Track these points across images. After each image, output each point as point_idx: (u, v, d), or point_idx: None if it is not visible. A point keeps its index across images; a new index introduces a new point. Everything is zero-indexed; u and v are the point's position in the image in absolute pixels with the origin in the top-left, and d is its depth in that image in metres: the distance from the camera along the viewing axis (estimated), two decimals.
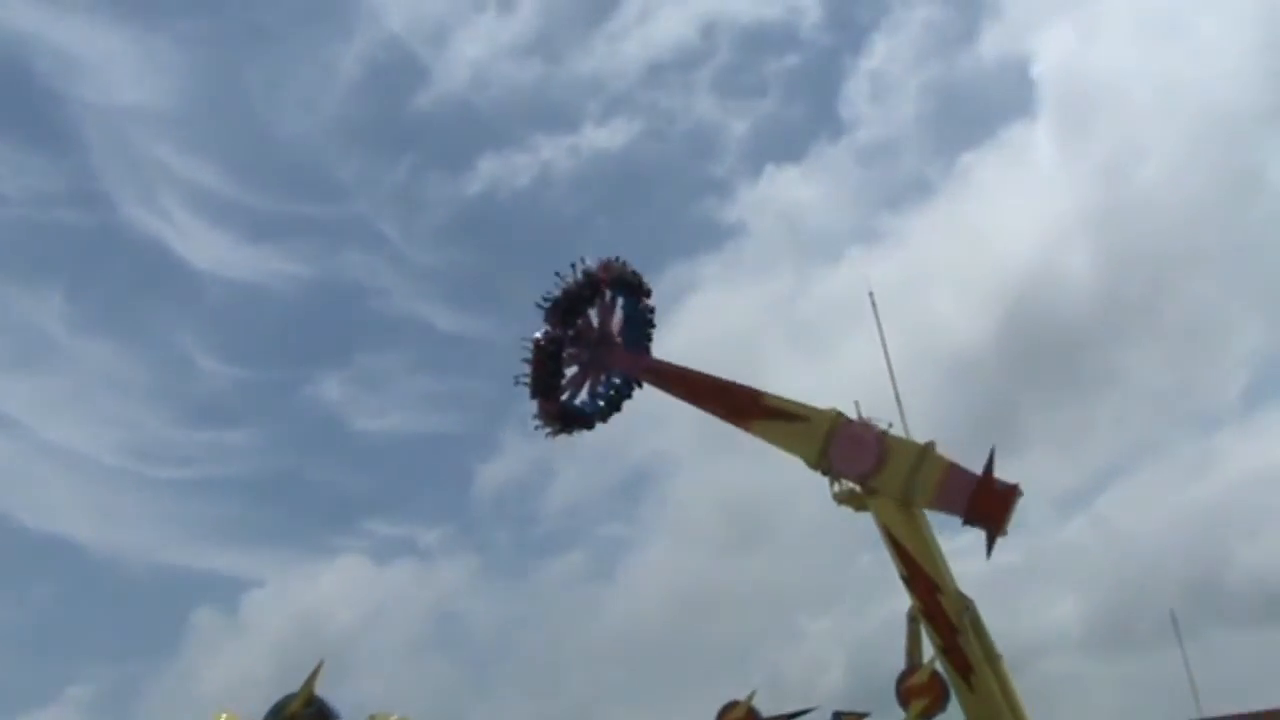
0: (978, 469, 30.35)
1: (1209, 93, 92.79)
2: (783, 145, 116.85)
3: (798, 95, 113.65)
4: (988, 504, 30.65)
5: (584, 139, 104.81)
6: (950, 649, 32.81)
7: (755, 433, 34.44)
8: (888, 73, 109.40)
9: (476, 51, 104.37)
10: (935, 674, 32.77)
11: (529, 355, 35.27)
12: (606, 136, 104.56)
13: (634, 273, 36.71)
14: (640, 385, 36.75)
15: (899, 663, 34.50)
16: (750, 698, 33.97)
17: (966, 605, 34.17)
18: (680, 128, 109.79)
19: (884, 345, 36.30)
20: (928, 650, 33.63)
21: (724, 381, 34.86)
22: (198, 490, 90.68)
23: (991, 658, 34.35)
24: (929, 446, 31.82)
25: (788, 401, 34.04)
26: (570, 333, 35.49)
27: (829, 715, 37.00)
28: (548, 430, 36.61)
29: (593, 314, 36.04)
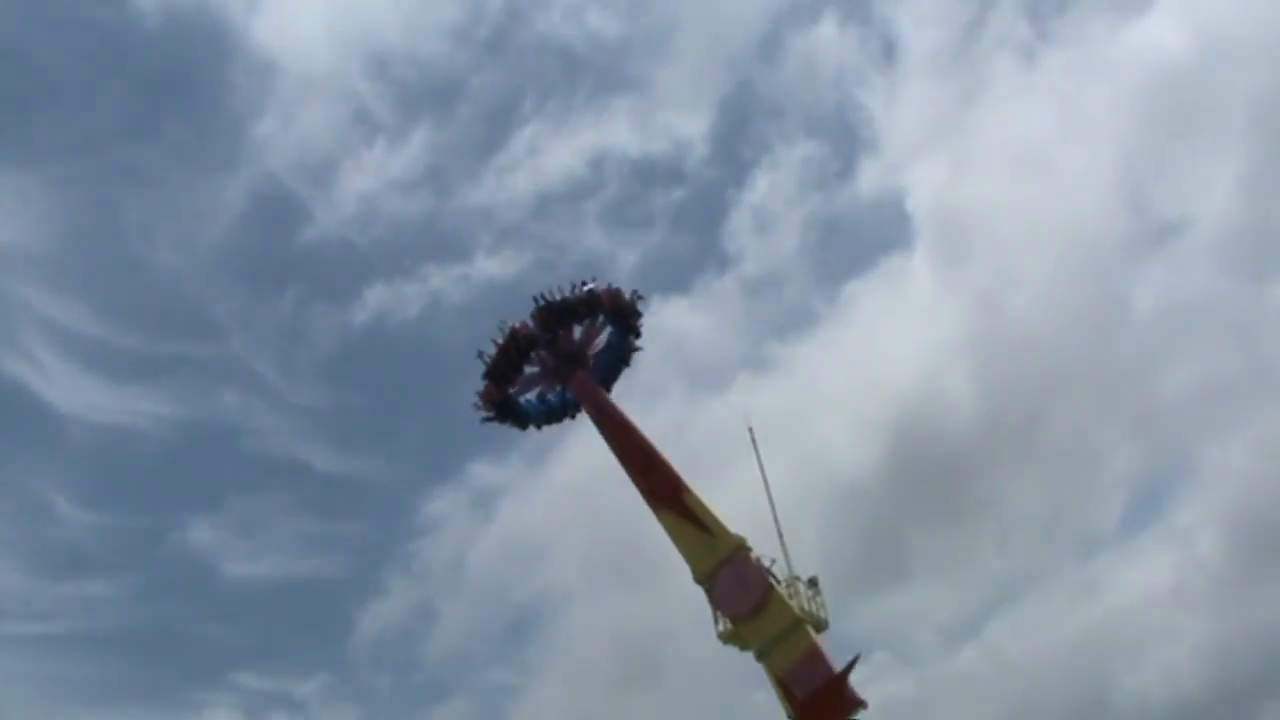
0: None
1: (1076, 225, 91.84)
2: (670, 277, 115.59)
3: (684, 228, 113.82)
4: (826, 707, 30.00)
5: (475, 268, 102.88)
6: None
7: (662, 522, 33.61)
8: (770, 207, 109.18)
9: (365, 184, 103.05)
10: None
11: (502, 338, 34.97)
12: (498, 266, 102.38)
13: (635, 310, 36.24)
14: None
15: None
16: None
17: None
18: (570, 258, 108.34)
19: (764, 479, 35.44)
20: None
21: (657, 457, 33.88)
22: (56, 647, 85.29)
23: None
24: (802, 621, 31.53)
25: (705, 509, 33.08)
26: (548, 337, 35.13)
27: None
28: (484, 414, 36.41)
29: (578, 329, 35.66)
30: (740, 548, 32.67)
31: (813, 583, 34.95)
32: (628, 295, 36.05)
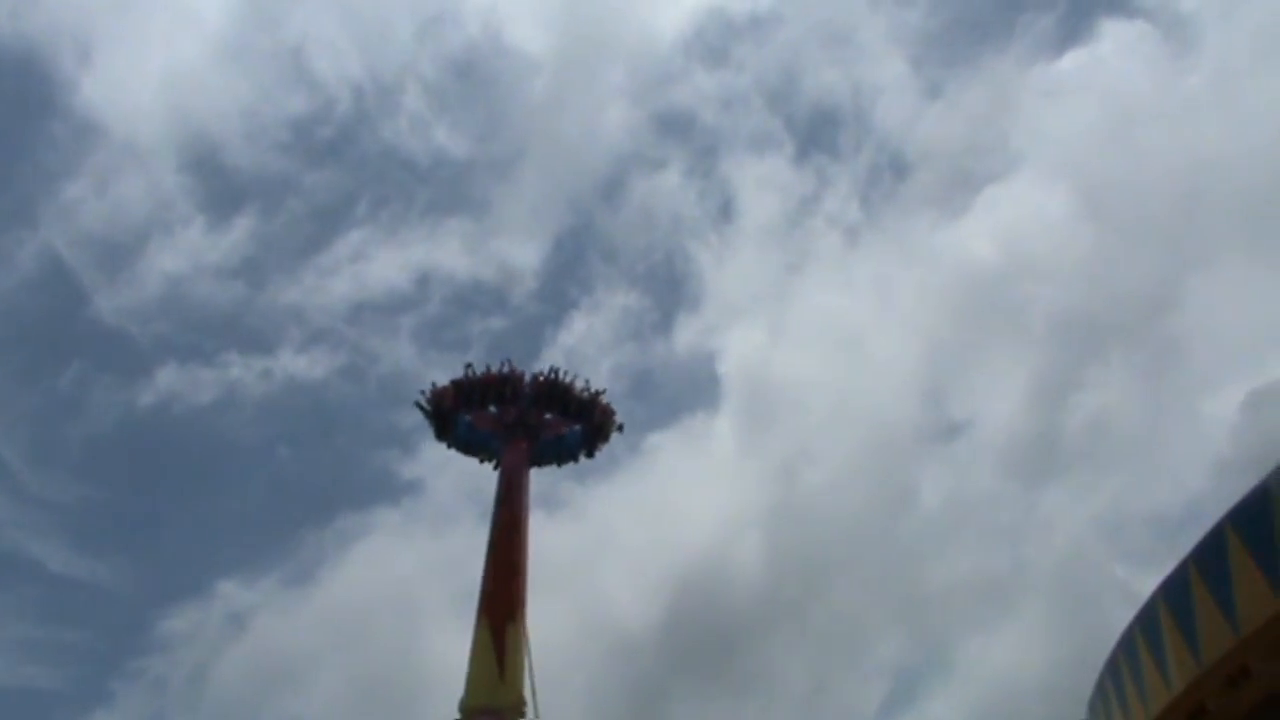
0: None
1: (877, 410, 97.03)
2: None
3: (497, 359, 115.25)
4: None
5: (279, 364, 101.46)
6: None
7: (478, 633, 32.14)
8: (583, 351, 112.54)
9: (175, 265, 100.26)
10: None
11: (487, 368, 34.30)
12: (304, 365, 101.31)
13: (616, 430, 35.56)
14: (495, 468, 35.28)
15: None
16: None
17: None
18: (379, 370, 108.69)
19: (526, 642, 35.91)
20: None
21: (522, 571, 32.80)
22: None
23: None
24: None
25: (517, 651, 30.02)
26: (535, 396, 34.40)
27: None
28: (423, 402, 35.29)
29: (555, 416, 34.93)
30: (516, 707, 31.03)
31: None
32: (617, 422, 36.10)
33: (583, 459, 36.15)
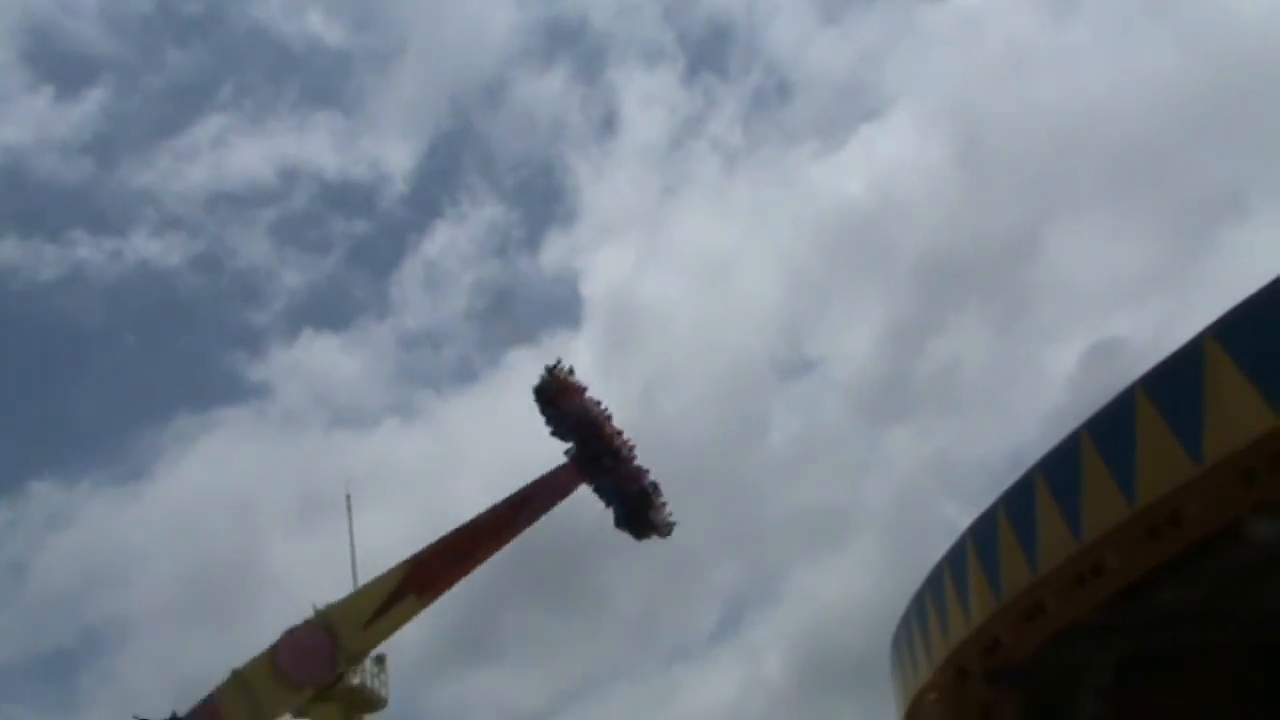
0: None
1: (738, 341, 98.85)
2: (330, 310, 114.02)
3: (358, 264, 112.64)
4: None
5: (130, 247, 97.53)
6: None
7: (389, 578, 31.98)
8: (444, 265, 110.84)
9: (18, 136, 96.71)
10: None
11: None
12: (158, 250, 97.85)
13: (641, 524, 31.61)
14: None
15: None
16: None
17: None
18: (235, 264, 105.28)
19: (351, 546, 36.07)
20: None
21: (462, 566, 31.40)
22: None
23: None
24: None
25: (398, 617, 30.38)
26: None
27: None
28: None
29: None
30: (354, 657, 30.52)
31: (379, 660, 33.50)
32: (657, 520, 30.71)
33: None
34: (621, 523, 31.64)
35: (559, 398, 30.85)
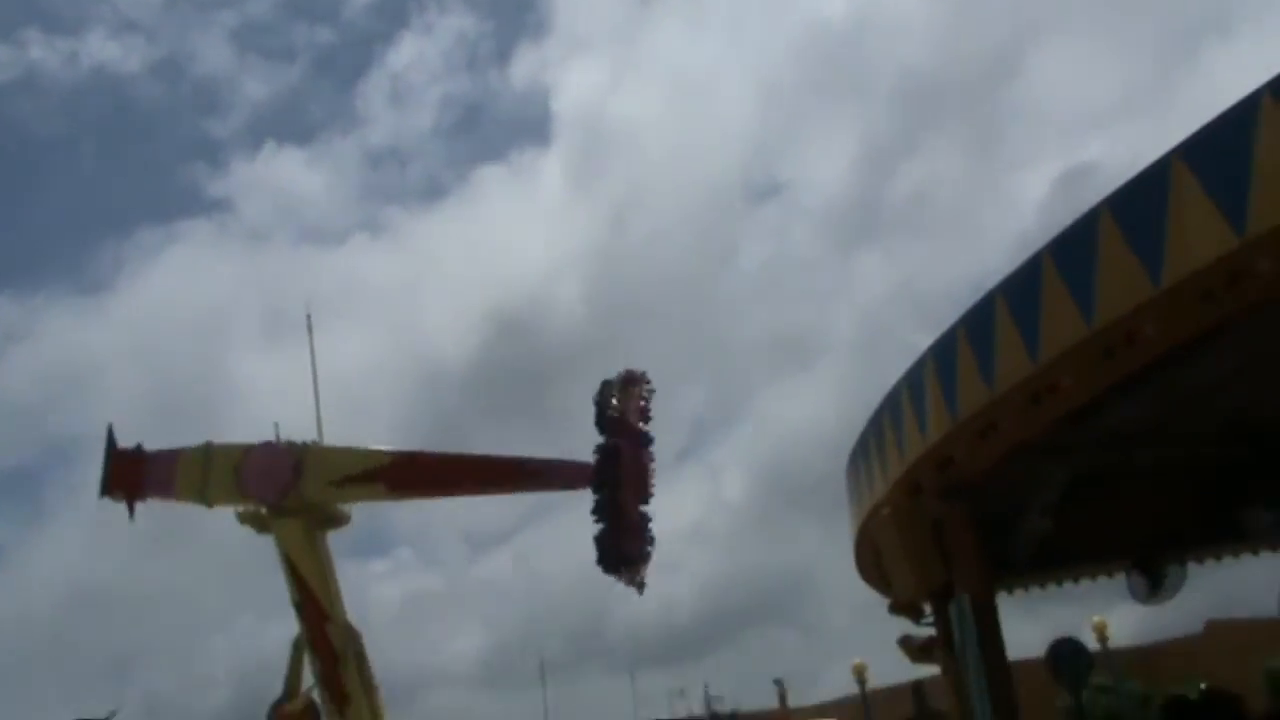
0: None
1: (710, 162, 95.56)
2: (294, 123, 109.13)
3: (323, 76, 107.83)
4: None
5: (87, 49, 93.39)
6: (329, 678, 34.67)
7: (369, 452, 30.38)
8: (410, 79, 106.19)
9: None
10: (311, 702, 34.33)
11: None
12: (116, 54, 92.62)
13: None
14: None
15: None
16: (109, 717, 34.27)
17: (353, 637, 36.44)
18: (195, 71, 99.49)
19: (313, 366, 36.10)
20: (308, 679, 35.71)
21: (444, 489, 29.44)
22: None
23: (369, 689, 36.88)
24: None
25: (362, 489, 29.82)
26: None
27: None
28: None
29: None
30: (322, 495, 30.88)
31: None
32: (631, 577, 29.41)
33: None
34: (601, 557, 30.39)
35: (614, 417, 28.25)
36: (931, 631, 12.72)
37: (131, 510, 30.02)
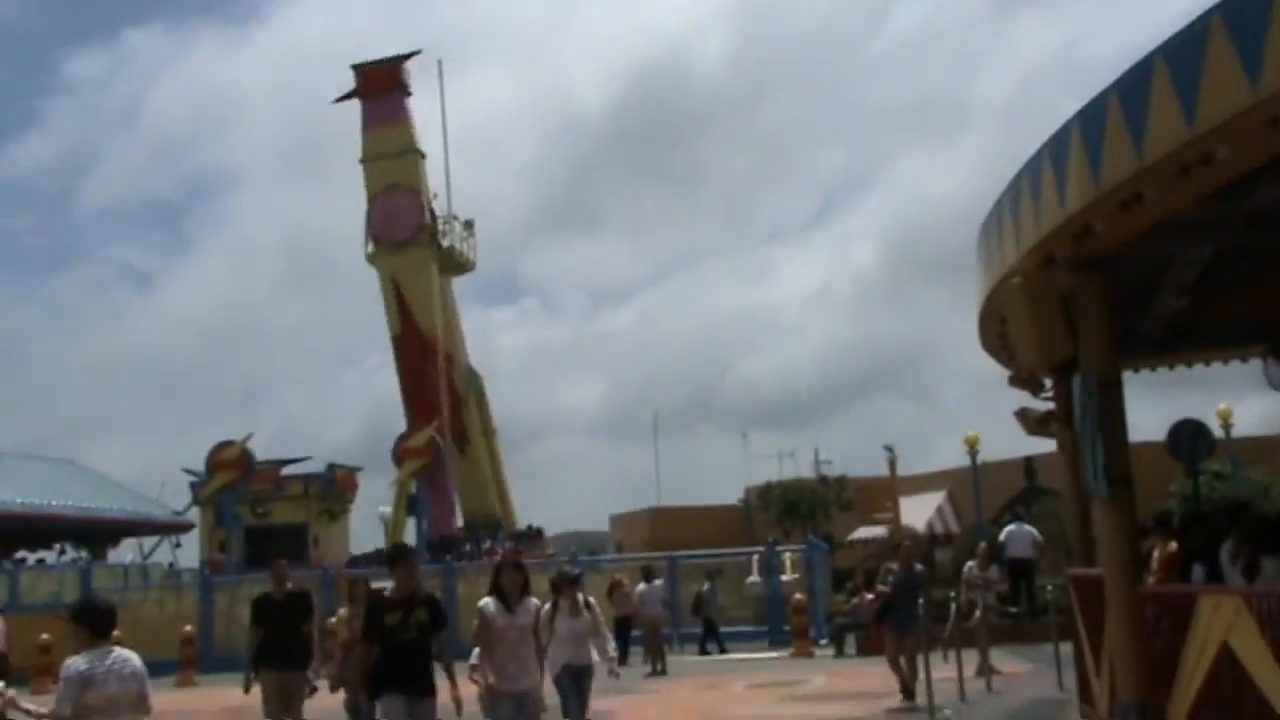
0: None
1: None
2: None
3: None
4: None
5: None
6: (451, 418, 35.77)
7: (437, 329, 35.85)
8: None
9: None
10: (432, 438, 35.34)
11: None
12: None
13: None
14: None
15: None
16: (246, 440, 35.44)
17: (474, 379, 36.88)
18: None
19: (443, 113, 35.27)
20: None
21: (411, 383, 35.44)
22: None
23: (488, 431, 37.59)
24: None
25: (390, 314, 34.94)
26: None
27: (324, 465, 40.68)
28: None
29: None
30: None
31: (468, 225, 35.24)
32: None
33: None
34: None
35: None
36: (1051, 405, 12.74)
37: None
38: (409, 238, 34.19)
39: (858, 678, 17.43)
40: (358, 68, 33.58)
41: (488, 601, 8.50)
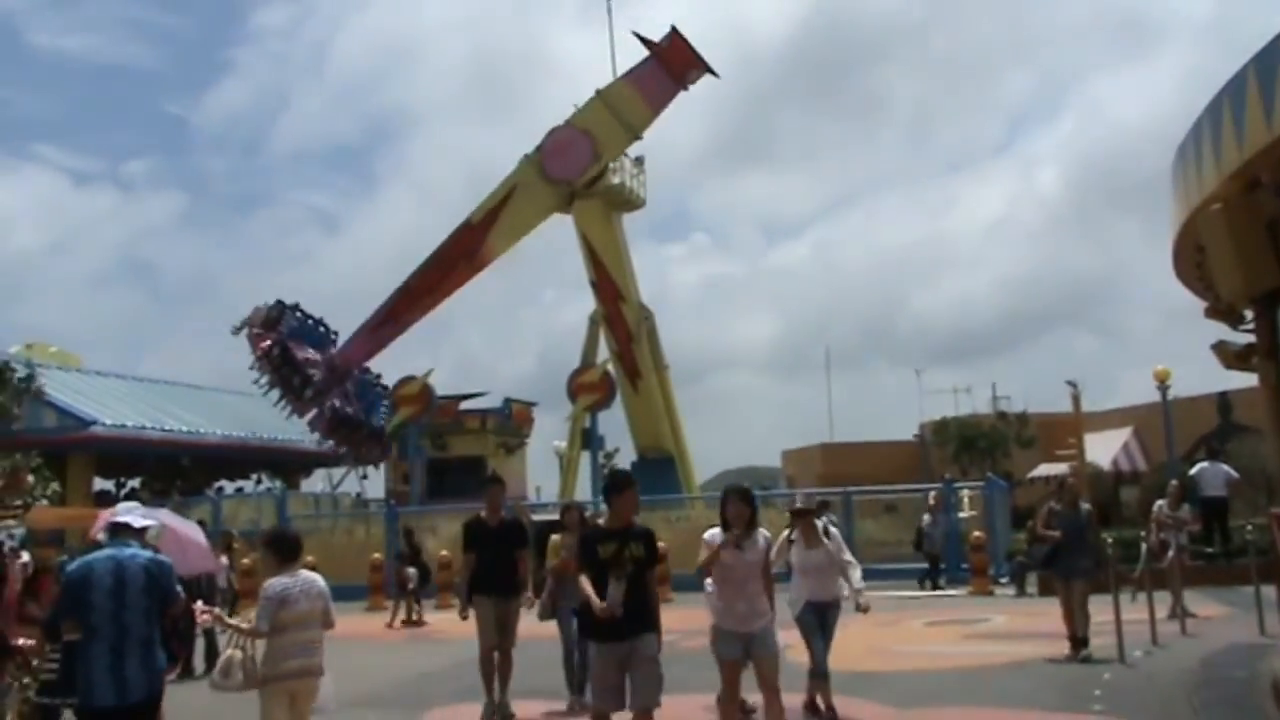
0: None
1: None
2: None
3: None
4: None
5: None
6: (624, 353, 35.68)
7: (498, 249, 34.82)
8: None
9: None
10: (606, 374, 35.45)
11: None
12: None
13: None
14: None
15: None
16: (427, 375, 36.01)
17: (646, 315, 36.49)
18: None
19: (611, 43, 34.46)
20: (603, 352, 35.68)
21: (437, 255, 35.04)
22: None
23: (660, 367, 37.22)
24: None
25: (487, 200, 34.36)
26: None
27: (501, 400, 41.76)
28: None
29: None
30: (534, 160, 34.96)
31: (638, 161, 35.52)
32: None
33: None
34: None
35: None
36: (1251, 338, 12.06)
37: None
38: (569, 177, 34.46)
39: (1038, 617, 17.03)
40: (676, 31, 32.99)
41: (715, 533, 7.95)
